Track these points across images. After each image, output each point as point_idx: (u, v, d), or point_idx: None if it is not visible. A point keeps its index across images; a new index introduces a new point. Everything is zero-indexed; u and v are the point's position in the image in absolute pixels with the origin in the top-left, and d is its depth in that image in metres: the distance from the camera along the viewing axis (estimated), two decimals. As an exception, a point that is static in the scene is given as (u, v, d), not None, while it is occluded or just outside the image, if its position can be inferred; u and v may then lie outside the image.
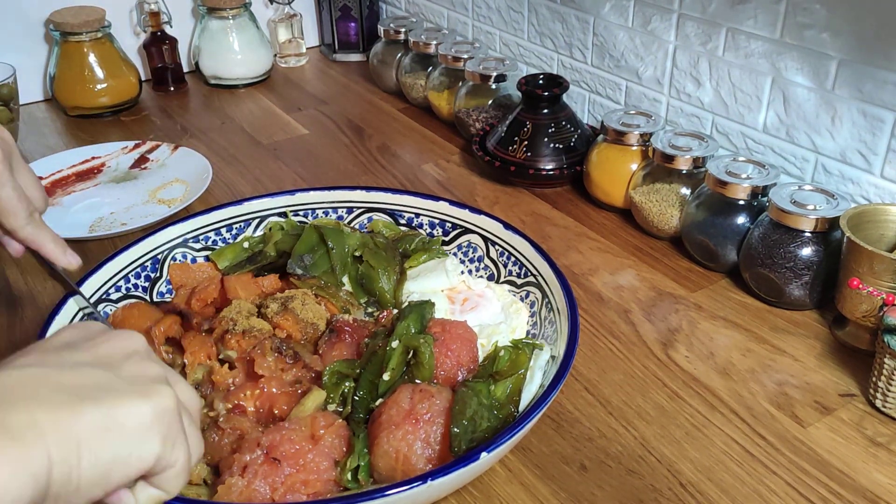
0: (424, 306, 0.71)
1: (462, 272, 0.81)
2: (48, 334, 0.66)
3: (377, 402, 0.63)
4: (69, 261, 0.65)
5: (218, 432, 0.60)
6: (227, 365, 0.65)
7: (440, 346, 0.66)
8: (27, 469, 0.34)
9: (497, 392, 0.63)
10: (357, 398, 0.63)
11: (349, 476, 0.58)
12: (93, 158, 1.14)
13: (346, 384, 0.64)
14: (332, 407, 0.64)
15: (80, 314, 0.69)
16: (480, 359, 0.69)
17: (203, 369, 0.65)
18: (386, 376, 0.64)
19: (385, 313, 0.72)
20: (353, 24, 1.51)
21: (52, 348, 0.41)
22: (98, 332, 0.43)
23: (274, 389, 0.63)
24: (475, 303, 0.76)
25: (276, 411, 0.62)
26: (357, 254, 0.78)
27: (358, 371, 0.65)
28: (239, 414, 0.61)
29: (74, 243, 0.95)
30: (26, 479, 0.34)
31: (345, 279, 0.78)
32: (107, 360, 0.41)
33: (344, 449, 0.59)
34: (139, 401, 0.39)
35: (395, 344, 0.65)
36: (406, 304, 0.74)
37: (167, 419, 0.40)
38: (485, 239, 0.81)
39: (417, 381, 0.64)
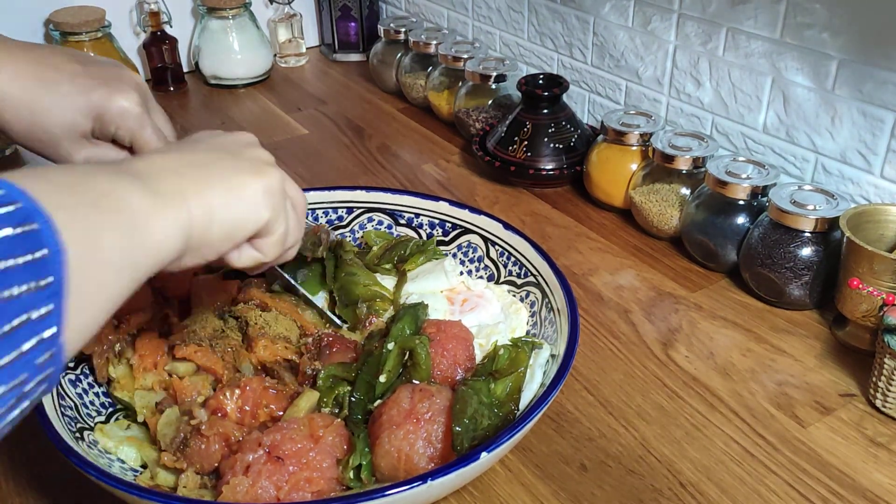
0: (418, 308, 0.71)
1: (461, 273, 0.81)
2: None
3: (374, 404, 0.63)
4: None
5: (203, 440, 0.59)
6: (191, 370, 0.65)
7: (436, 346, 0.66)
8: (178, 223, 0.42)
9: (497, 390, 0.63)
10: (354, 399, 0.63)
11: (351, 474, 0.58)
12: (93, 158, 1.14)
13: (341, 388, 0.64)
14: (326, 410, 0.63)
15: None
16: (479, 358, 0.69)
17: (153, 377, 0.65)
18: (382, 378, 0.64)
19: (372, 318, 0.72)
20: (353, 24, 1.51)
21: (187, 141, 0.52)
22: (218, 132, 0.53)
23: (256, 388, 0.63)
24: (475, 303, 0.76)
25: (259, 413, 0.62)
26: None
27: (354, 374, 0.65)
28: (221, 417, 0.61)
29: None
30: (178, 231, 0.42)
31: (321, 298, 0.77)
32: (229, 146, 0.51)
33: (345, 447, 0.59)
34: (255, 177, 0.48)
35: (390, 346, 0.65)
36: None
37: (275, 195, 0.50)
38: (485, 239, 0.81)
39: (415, 381, 0.64)
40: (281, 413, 0.62)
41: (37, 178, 0.35)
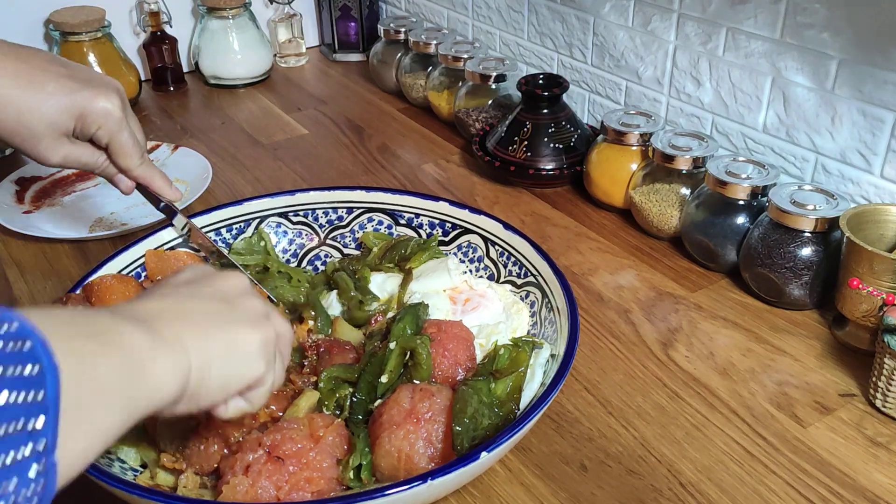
0: (419, 308, 0.71)
1: (464, 272, 0.81)
2: None
3: (375, 404, 0.63)
4: (174, 194, 0.77)
5: (202, 441, 0.59)
6: None
7: (437, 345, 0.66)
8: (177, 368, 0.42)
9: (497, 390, 0.63)
10: (355, 400, 0.63)
11: (351, 474, 0.58)
12: (93, 158, 1.14)
13: (342, 391, 0.64)
14: (327, 411, 0.63)
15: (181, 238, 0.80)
16: (479, 357, 0.69)
17: None
18: (384, 378, 0.64)
19: (378, 316, 0.72)
20: (353, 24, 1.51)
21: (181, 283, 0.50)
22: (210, 272, 0.52)
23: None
24: (477, 303, 0.76)
25: (259, 413, 0.62)
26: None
27: (356, 375, 0.65)
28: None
29: (74, 244, 0.95)
30: (177, 376, 0.42)
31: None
32: (225, 295, 0.50)
33: (345, 447, 0.59)
34: (252, 331, 0.48)
35: (392, 346, 0.65)
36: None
37: (269, 348, 0.50)
38: (485, 239, 0.81)
39: (416, 381, 0.64)
40: (281, 413, 0.62)
41: (36, 311, 0.35)
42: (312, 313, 0.73)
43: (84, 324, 0.38)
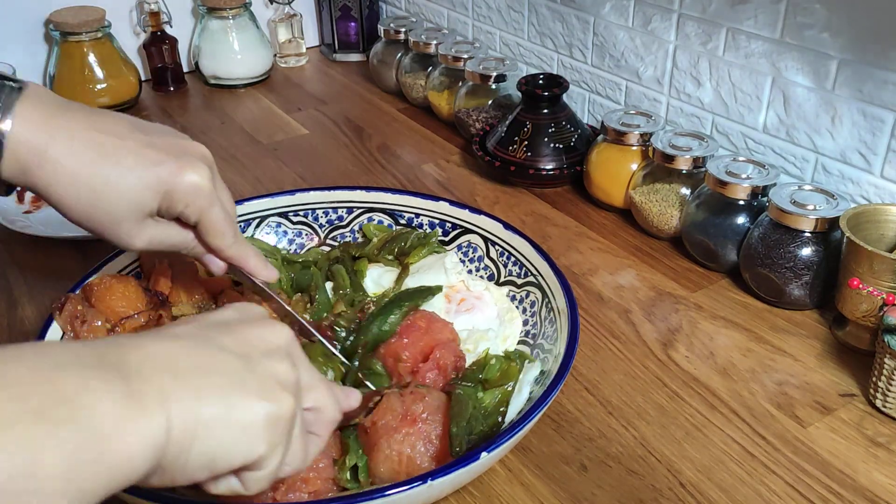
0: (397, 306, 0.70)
1: (461, 272, 0.81)
2: (47, 337, 0.66)
3: (361, 418, 0.62)
4: (270, 275, 0.66)
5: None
6: None
7: (397, 340, 0.67)
8: (150, 437, 0.35)
9: (485, 400, 0.63)
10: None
11: (348, 475, 0.58)
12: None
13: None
14: (331, 375, 0.64)
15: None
16: (468, 363, 0.68)
17: None
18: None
19: (370, 305, 0.72)
20: (353, 24, 1.51)
21: (210, 324, 0.43)
22: (255, 316, 0.45)
23: None
24: (471, 304, 0.75)
25: None
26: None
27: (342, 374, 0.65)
28: None
29: (74, 243, 0.95)
30: (148, 447, 0.35)
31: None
32: (247, 350, 0.42)
33: (339, 448, 0.59)
34: (259, 402, 0.40)
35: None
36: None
37: (279, 427, 0.41)
38: (485, 239, 0.81)
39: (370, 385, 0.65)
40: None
41: None
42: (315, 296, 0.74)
43: (43, 393, 0.33)
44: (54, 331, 0.66)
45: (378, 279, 0.79)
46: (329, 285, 0.77)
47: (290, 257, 0.82)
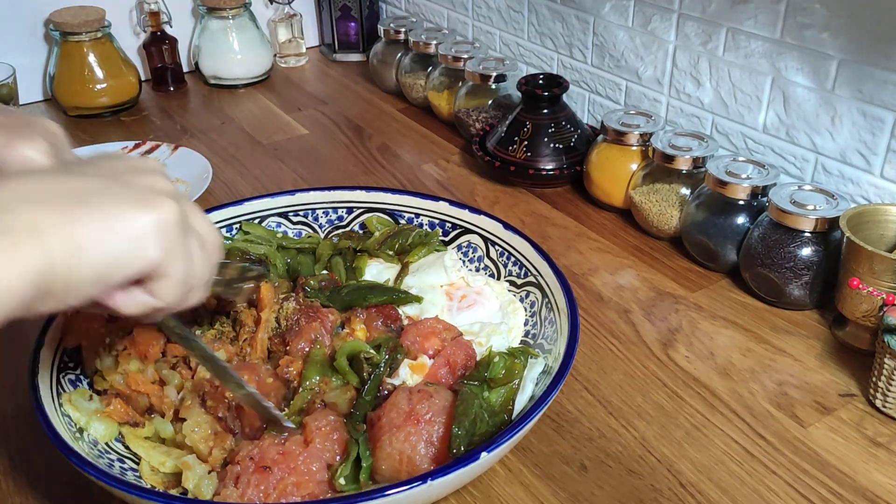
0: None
1: (460, 268, 0.81)
2: (47, 338, 0.65)
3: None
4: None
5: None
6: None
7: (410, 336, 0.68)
8: (26, 265, 0.36)
9: (491, 398, 0.63)
10: (360, 401, 0.63)
11: (342, 481, 0.57)
12: (93, 158, 1.13)
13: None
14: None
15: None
16: (477, 357, 0.69)
17: (137, 364, 0.65)
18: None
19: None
20: (353, 24, 1.51)
21: (72, 161, 0.44)
22: (122, 154, 0.46)
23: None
24: (473, 300, 0.76)
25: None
26: None
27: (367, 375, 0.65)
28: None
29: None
30: (24, 275, 0.36)
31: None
32: (115, 173, 0.42)
33: (337, 450, 0.59)
34: (140, 210, 0.41)
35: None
36: None
37: (169, 231, 0.42)
38: (485, 239, 0.81)
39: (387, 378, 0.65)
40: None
41: None
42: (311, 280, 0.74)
43: None
44: (53, 332, 0.66)
45: (378, 276, 0.79)
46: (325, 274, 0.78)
47: (286, 241, 0.82)
